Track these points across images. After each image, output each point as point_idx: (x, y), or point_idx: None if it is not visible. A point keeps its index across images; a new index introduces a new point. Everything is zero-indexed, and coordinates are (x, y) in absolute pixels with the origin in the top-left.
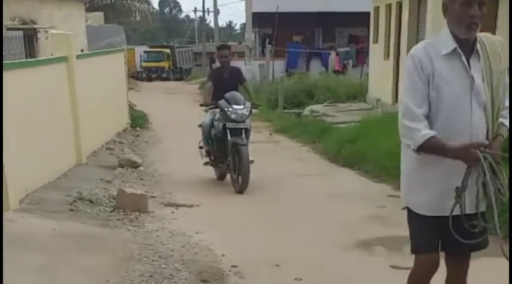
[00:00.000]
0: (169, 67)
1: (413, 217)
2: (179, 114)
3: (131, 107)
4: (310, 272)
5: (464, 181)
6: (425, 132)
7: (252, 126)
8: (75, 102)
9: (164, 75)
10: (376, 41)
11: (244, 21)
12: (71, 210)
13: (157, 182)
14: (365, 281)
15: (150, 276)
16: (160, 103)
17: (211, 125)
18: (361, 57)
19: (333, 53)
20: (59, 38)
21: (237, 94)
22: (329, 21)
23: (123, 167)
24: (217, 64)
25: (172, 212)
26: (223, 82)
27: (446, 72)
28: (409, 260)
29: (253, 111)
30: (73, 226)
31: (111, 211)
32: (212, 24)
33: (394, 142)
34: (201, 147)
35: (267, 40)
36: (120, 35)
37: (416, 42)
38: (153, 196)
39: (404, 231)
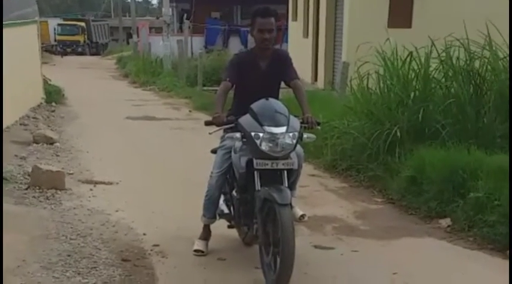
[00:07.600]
0: (84, 41)
1: None
2: (96, 89)
3: (46, 82)
4: (234, 252)
5: None
6: None
7: (171, 104)
8: None
9: (79, 50)
10: (295, 19)
11: None
12: None
13: (74, 158)
14: None
15: (69, 255)
16: (76, 78)
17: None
18: (280, 34)
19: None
20: None
21: (274, 104)
22: None
23: (38, 143)
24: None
25: (91, 189)
26: (257, 81)
27: None
28: (331, 240)
29: (307, 136)
30: None
31: (26, 189)
32: None
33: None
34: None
35: (185, 15)
36: (32, 6)
37: (335, 21)
38: (70, 173)
39: (325, 211)
